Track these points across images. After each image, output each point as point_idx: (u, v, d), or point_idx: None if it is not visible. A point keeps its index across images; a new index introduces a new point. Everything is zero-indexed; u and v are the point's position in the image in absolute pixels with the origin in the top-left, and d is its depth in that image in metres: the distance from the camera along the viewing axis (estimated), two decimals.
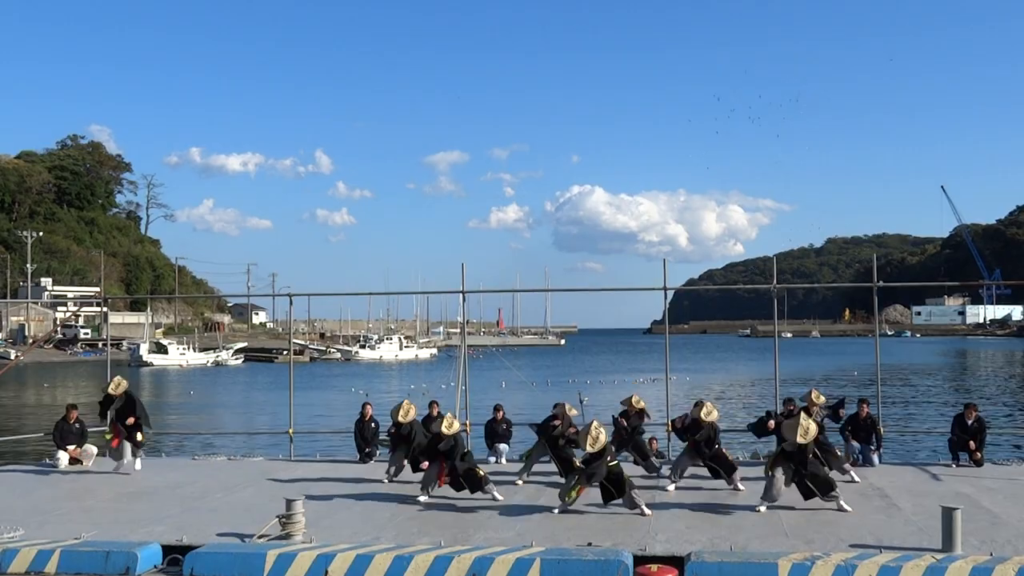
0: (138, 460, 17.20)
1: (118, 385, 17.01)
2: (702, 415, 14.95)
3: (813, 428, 13.21)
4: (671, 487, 14.87)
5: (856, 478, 15.57)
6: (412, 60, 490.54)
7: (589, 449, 12.91)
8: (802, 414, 13.98)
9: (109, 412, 17.11)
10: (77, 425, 18.47)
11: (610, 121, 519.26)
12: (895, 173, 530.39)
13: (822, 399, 16.54)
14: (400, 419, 15.39)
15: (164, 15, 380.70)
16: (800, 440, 12.94)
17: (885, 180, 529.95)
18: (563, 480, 14.07)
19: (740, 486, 14.79)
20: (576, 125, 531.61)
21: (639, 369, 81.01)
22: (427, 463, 14.36)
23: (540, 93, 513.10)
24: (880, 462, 17.23)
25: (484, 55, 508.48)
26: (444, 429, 14.00)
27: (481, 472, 14.16)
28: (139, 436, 16.98)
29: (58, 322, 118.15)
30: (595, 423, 13.26)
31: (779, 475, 13.26)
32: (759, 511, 13.00)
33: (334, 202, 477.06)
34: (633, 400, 17.37)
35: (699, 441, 14.96)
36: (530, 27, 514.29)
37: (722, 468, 15.04)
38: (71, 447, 18.12)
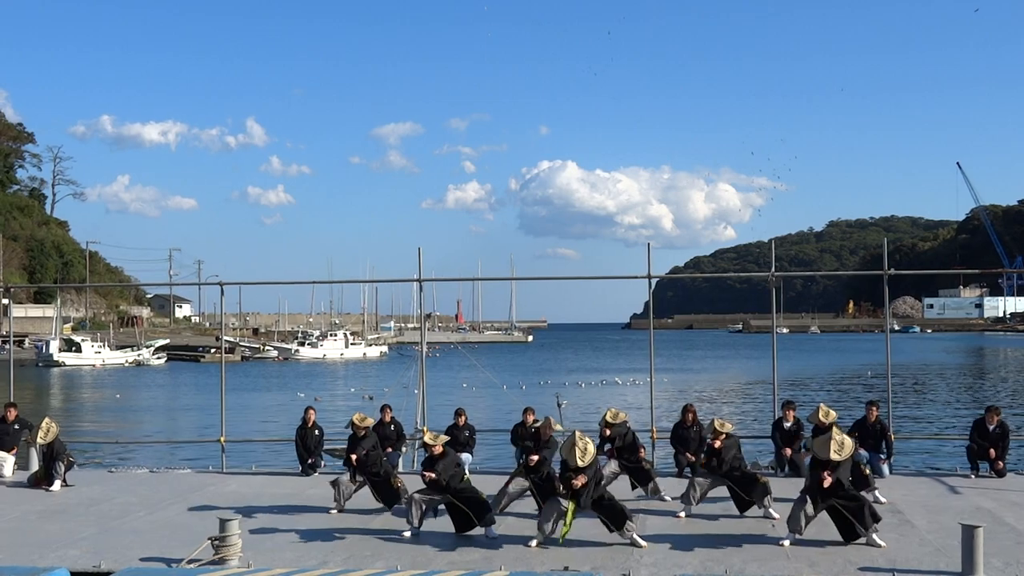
0: (57, 482, 17.01)
1: (47, 432, 17.27)
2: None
3: (849, 443, 12.53)
4: (682, 513, 14.24)
5: (882, 499, 14.84)
6: (358, 21, 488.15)
7: (579, 463, 12.22)
8: (834, 428, 13.63)
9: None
10: (16, 427, 18.57)
11: (584, 87, 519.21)
12: (905, 149, 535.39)
13: (833, 415, 15.60)
14: (356, 423, 15.14)
15: None
16: (835, 457, 12.29)
17: (894, 157, 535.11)
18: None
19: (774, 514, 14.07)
20: (545, 91, 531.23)
21: (619, 369, 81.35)
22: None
23: (503, 56, 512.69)
24: (891, 472, 17.37)
25: (440, 16, 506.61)
26: (430, 441, 13.23)
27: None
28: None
29: None
30: (578, 433, 12.61)
31: (809, 503, 12.52)
32: (783, 545, 12.21)
33: (268, 179, 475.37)
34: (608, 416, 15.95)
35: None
36: None
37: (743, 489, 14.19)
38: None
